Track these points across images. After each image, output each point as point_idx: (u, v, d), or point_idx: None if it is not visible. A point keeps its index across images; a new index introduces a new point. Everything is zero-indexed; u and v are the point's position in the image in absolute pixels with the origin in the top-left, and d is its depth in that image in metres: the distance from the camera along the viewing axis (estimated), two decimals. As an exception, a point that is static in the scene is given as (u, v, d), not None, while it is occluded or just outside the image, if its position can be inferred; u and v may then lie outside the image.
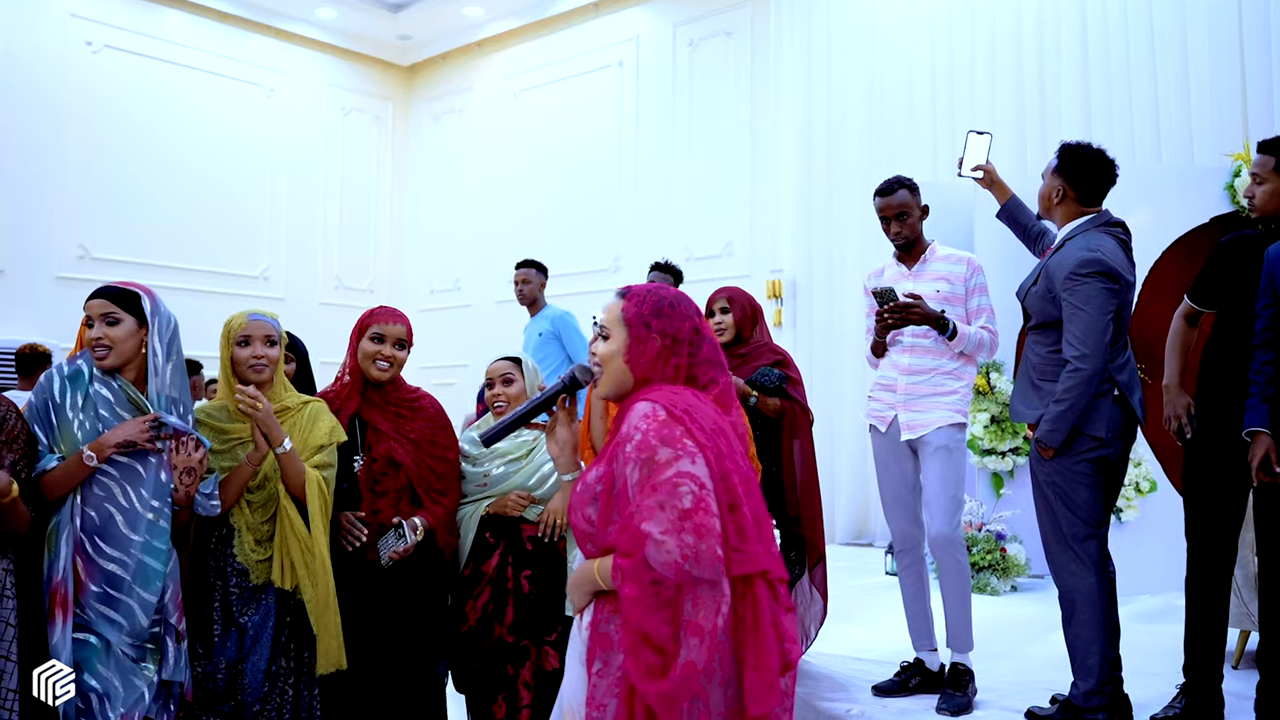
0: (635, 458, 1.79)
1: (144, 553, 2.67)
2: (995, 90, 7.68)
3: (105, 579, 2.63)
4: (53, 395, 2.69)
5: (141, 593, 2.66)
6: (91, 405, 2.69)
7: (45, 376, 2.71)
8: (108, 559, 2.64)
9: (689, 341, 1.97)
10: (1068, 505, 3.40)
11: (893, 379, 3.89)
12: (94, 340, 2.70)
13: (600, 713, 1.77)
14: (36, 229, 9.14)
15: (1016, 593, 5.98)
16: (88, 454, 2.60)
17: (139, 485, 2.69)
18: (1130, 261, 3.46)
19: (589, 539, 1.89)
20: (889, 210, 3.88)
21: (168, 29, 10.14)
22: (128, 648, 2.65)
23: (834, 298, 8.55)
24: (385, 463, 3.17)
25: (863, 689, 3.89)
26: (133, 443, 2.63)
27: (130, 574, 2.65)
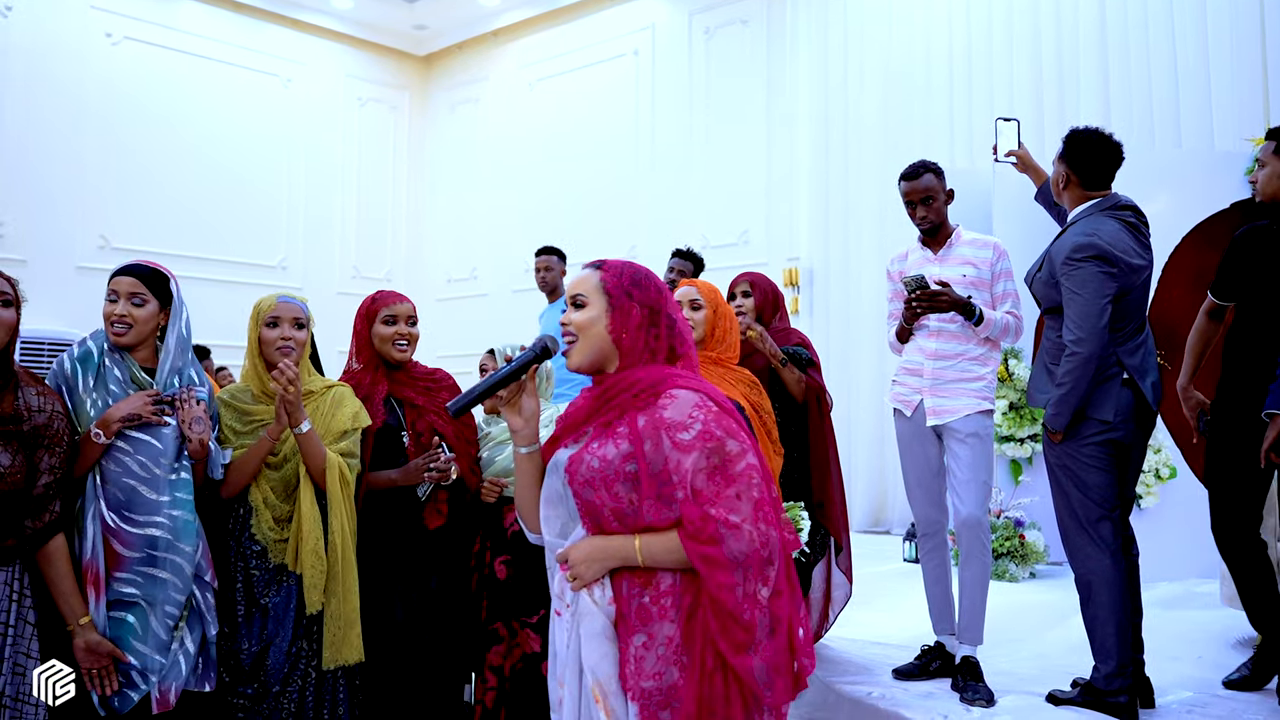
0: (701, 447, 1.86)
1: (175, 508, 2.72)
2: (1013, 77, 7.65)
3: (145, 543, 2.68)
4: (65, 378, 2.72)
5: (183, 547, 2.72)
6: (103, 384, 2.73)
7: (58, 361, 2.75)
8: (142, 525, 2.68)
9: (666, 314, 2.02)
10: (1080, 488, 3.42)
11: (918, 364, 3.90)
12: (117, 317, 2.73)
13: (657, 681, 1.83)
14: (58, 219, 9.21)
15: (1035, 580, 5.99)
16: (95, 431, 2.63)
17: (156, 454, 2.72)
18: (1140, 245, 3.46)
19: (620, 517, 1.90)
20: (914, 194, 3.88)
21: (186, 20, 10.19)
22: (167, 617, 2.69)
23: (851, 285, 8.55)
24: (430, 434, 3.23)
25: (883, 672, 3.90)
26: (137, 415, 2.67)
27: (168, 532, 2.70)
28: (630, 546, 1.90)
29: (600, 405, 1.96)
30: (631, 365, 1.98)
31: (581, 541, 1.94)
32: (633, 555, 1.89)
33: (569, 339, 2.00)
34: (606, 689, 1.86)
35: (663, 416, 1.88)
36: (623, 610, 1.90)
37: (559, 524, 2.00)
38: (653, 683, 1.83)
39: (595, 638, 1.89)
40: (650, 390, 1.92)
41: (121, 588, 2.67)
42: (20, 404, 2.52)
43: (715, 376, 3.23)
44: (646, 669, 1.85)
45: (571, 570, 1.92)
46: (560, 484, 1.98)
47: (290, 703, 2.95)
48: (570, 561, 1.93)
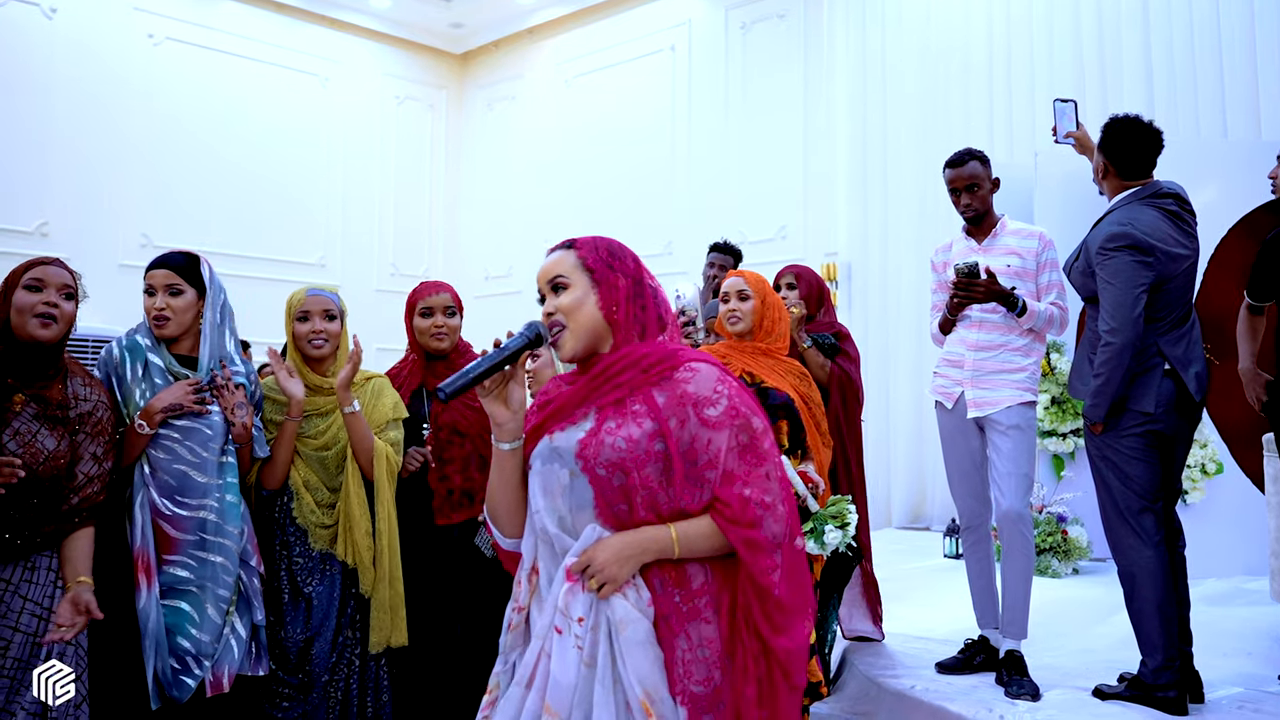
0: (731, 424, 1.78)
1: (223, 492, 2.77)
2: (1053, 68, 7.54)
3: (196, 526, 2.72)
4: (114, 367, 2.77)
5: (230, 529, 2.77)
6: (150, 375, 2.77)
7: (106, 350, 2.81)
8: (193, 509, 2.73)
9: (647, 283, 1.91)
10: (1121, 479, 3.39)
11: (960, 355, 3.86)
12: (156, 310, 2.77)
13: (705, 686, 1.74)
14: (100, 218, 9.33)
15: (1078, 576, 5.91)
16: (138, 422, 2.68)
17: (205, 439, 2.77)
18: (1182, 234, 3.42)
19: (653, 503, 1.77)
20: (959, 182, 3.85)
21: (226, 20, 10.28)
22: (220, 601, 2.73)
23: (889, 280, 8.49)
24: (450, 431, 3.22)
25: (926, 667, 3.88)
26: (179, 406, 2.70)
27: (217, 515, 2.74)
28: (666, 536, 1.76)
29: (601, 384, 1.82)
30: (627, 340, 1.85)
31: (606, 540, 1.76)
32: (670, 546, 1.76)
33: (556, 329, 1.84)
34: (656, 697, 1.72)
35: (687, 391, 1.78)
36: (663, 611, 1.77)
37: (556, 516, 1.80)
38: (702, 688, 1.74)
39: (641, 646, 1.73)
40: (663, 364, 1.81)
41: (175, 570, 2.71)
42: (69, 392, 2.58)
43: (764, 368, 3.20)
44: (696, 674, 1.74)
45: (599, 575, 1.72)
46: (567, 472, 1.79)
47: (337, 691, 2.98)
48: (595, 565, 1.73)
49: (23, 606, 2.44)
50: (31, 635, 2.44)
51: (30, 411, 2.47)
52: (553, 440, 1.83)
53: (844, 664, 4.17)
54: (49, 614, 2.48)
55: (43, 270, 2.52)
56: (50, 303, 2.50)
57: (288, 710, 2.93)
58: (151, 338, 2.81)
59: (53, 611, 2.48)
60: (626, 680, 1.71)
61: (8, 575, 2.44)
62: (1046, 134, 7.39)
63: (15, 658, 2.42)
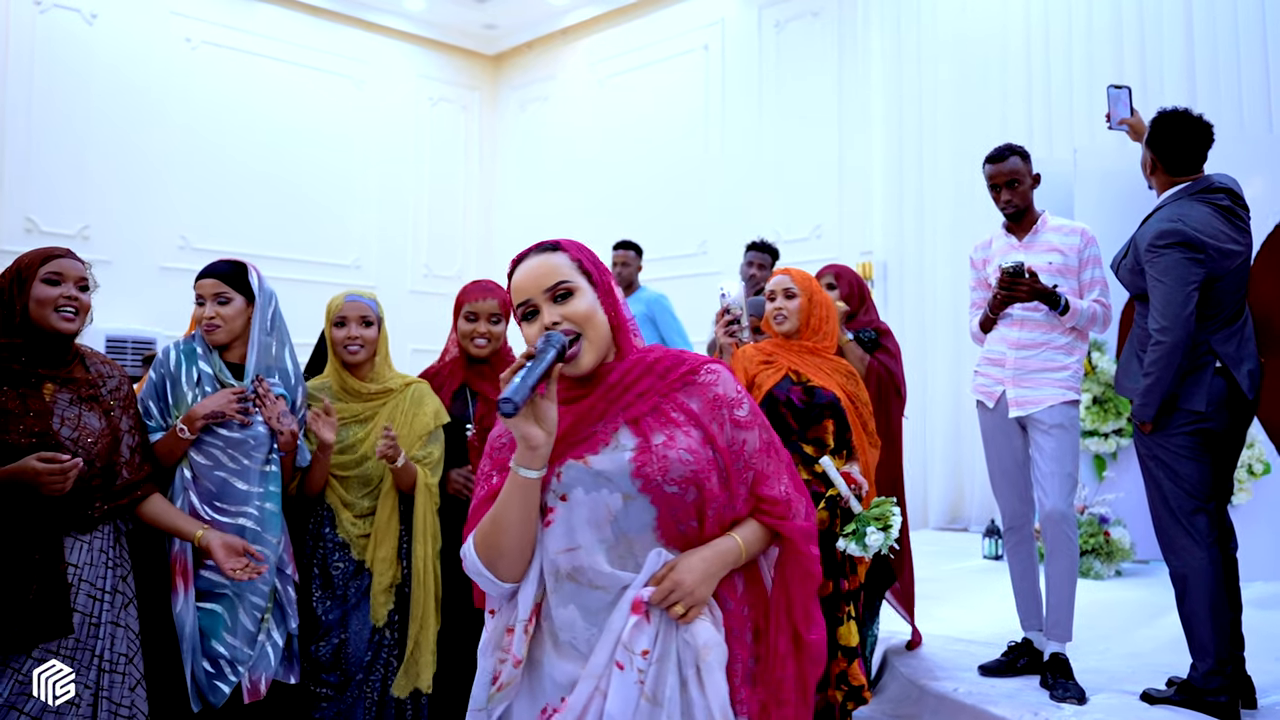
0: (756, 423, 1.76)
1: (264, 500, 2.78)
2: (1093, 60, 7.43)
3: (235, 533, 2.73)
4: (169, 370, 2.80)
5: (269, 538, 2.77)
6: (202, 382, 2.80)
7: (163, 352, 2.84)
8: (233, 516, 2.74)
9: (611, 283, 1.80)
10: (1172, 479, 3.32)
11: (1001, 353, 3.81)
12: (206, 319, 2.80)
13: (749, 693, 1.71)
14: (140, 221, 9.43)
15: (1121, 578, 5.83)
16: (180, 427, 2.70)
17: (248, 448, 2.78)
18: (1234, 229, 3.35)
19: (720, 514, 1.69)
20: (1000, 177, 3.80)
21: (261, 24, 10.37)
22: (254, 609, 2.74)
23: (926, 279, 8.41)
24: None
25: (968, 669, 3.83)
26: (220, 413, 2.72)
27: (256, 523, 2.76)
28: (735, 546, 1.69)
29: (620, 395, 1.68)
30: (629, 346, 1.74)
31: (685, 561, 1.64)
32: (740, 555, 1.69)
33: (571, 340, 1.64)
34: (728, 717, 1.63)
35: (718, 394, 1.71)
36: (731, 626, 1.69)
37: (605, 549, 1.64)
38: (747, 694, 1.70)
39: (720, 668, 1.64)
40: (680, 368, 1.72)
41: (212, 575, 2.72)
42: (94, 372, 2.62)
43: (811, 367, 3.16)
44: (746, 683, 1.70)
45: (687, 599, 1.61)
46: (619, 496, 1.63)
47: (374, 691, 2.98)
48: (683, 589, 1.61)
49: (80, 587, 2.46)
50: (88, 616, 2.46)
51: (65, 397, 2.50)
52: (589, 465, 1.64)
53: (885, 666, 4.13)
54: (105, 595, 2.50)
55: (59, 264, 2.54)
56: (70, 296, 2.52)
57: (325, 710, 2.93)
58: (204, 344, 2.84)
59: (106, 593, 2.50)
60: (706, 707, 1.61)
61: (73, 559, 2.46)
62: (1086, 129, 7.32)
63: (75, 638, 2.44)
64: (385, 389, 3.12)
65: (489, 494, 1.69)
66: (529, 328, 1.68)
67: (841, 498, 2.89)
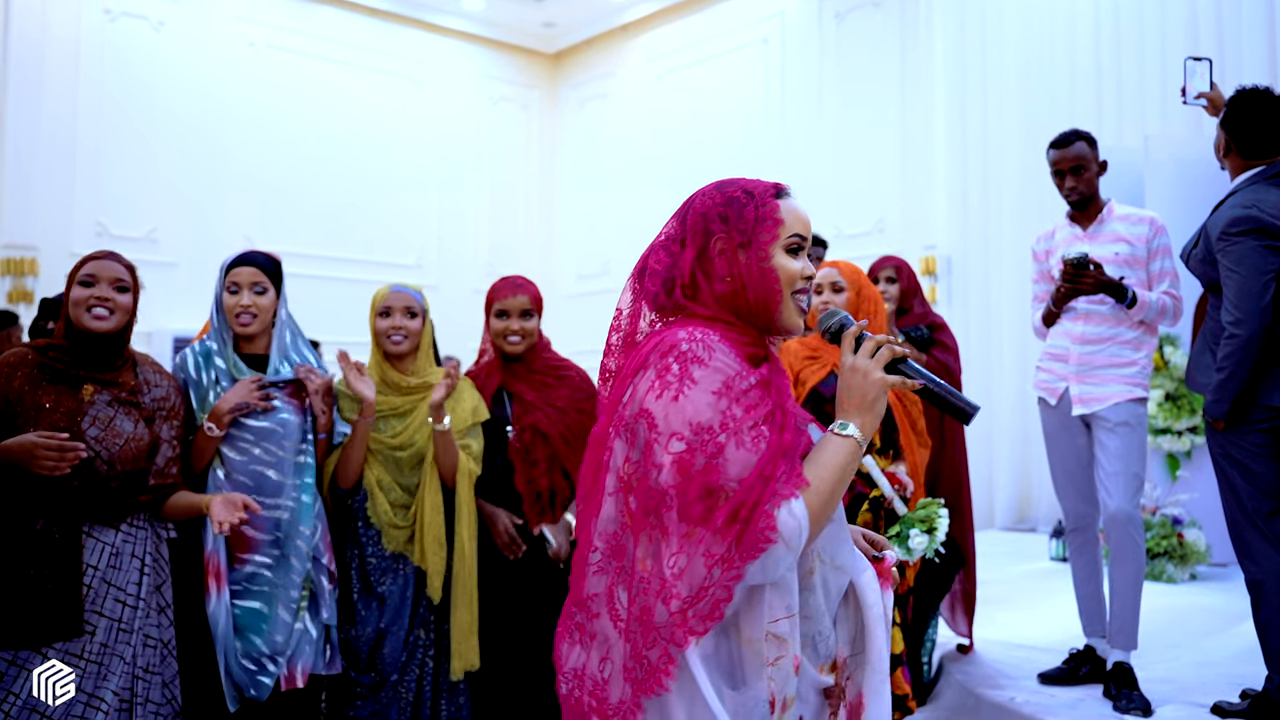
0: None
1: (301, 492, 2.77)
2: (1166, 41, 7.14)
3: (272, 526, 2.74)
4: (189, 373, 2.78)
5: (303, 529, 2.76)
6: (221, 380, 2.78)
7: (180, 357, 2.82)
8: (269, 508, 2.73)
9: None
10: (1247, 479, 3.14)
11: (1064, 348, 3.66)
12: (242, 308, 2.77)
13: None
14: (206, 222, 9.57)
15: (1195, 582, 5.59)
16: (208, 425, 2.69)
17: (279, 438, 2.76)
18: None
19: None
20: (1064, 163, 3.65)
21: (323, 27, 10.48)
22: (291, 601, 2.72)
23: (991, 273, 8.19)
24: (533, 433, 3.14)
25: (1028, 677, 3.68)
26: (245, 405, 2.69)
27: (292, 514, 2.74)
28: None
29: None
30: None
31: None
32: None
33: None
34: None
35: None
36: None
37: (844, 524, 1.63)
38: None
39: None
40: None
41: (249, 569, 2.71)
42: (140, 379, 2.62)
43: None
44: None
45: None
46: None
47: (409, 692, 2.94)
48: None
49: (107, 592, 2.46)
50: (116, 621, 2.46)
51: (104, 399, 2.50)
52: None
53: (941, 673, 3.99)
54: (134, 600, 2.50)
55: (95, 265, 2.55)
56: (101, 296, 2.52)
57: (360, 709, 2.90)
58: (220, 340, 2.81)
59: (140, 599, 2.50)
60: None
61: (95, 561, 2.45)
62: (1158, 115, 7.06)
63: (101, 643, 2.44)
64: (425, 383, 3.08)
65: (783, 449, 1.46)
66: (797, 260, 1.59)
67: (885, 499, 2.77)
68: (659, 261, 1.62)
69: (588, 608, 1.49)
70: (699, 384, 1.42)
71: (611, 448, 1.50)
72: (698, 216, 1.63)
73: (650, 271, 1.62)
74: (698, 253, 1.59)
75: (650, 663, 1.38)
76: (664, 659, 1.37)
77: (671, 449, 1.40)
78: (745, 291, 1.55)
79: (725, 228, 1.58)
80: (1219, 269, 3.20)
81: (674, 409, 1.41)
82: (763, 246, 1.56)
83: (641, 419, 1.44)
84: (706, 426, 1.40)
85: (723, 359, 1.47)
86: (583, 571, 1.52)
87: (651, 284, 1.60)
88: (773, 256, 1.56)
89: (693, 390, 1.42)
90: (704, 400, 1.42)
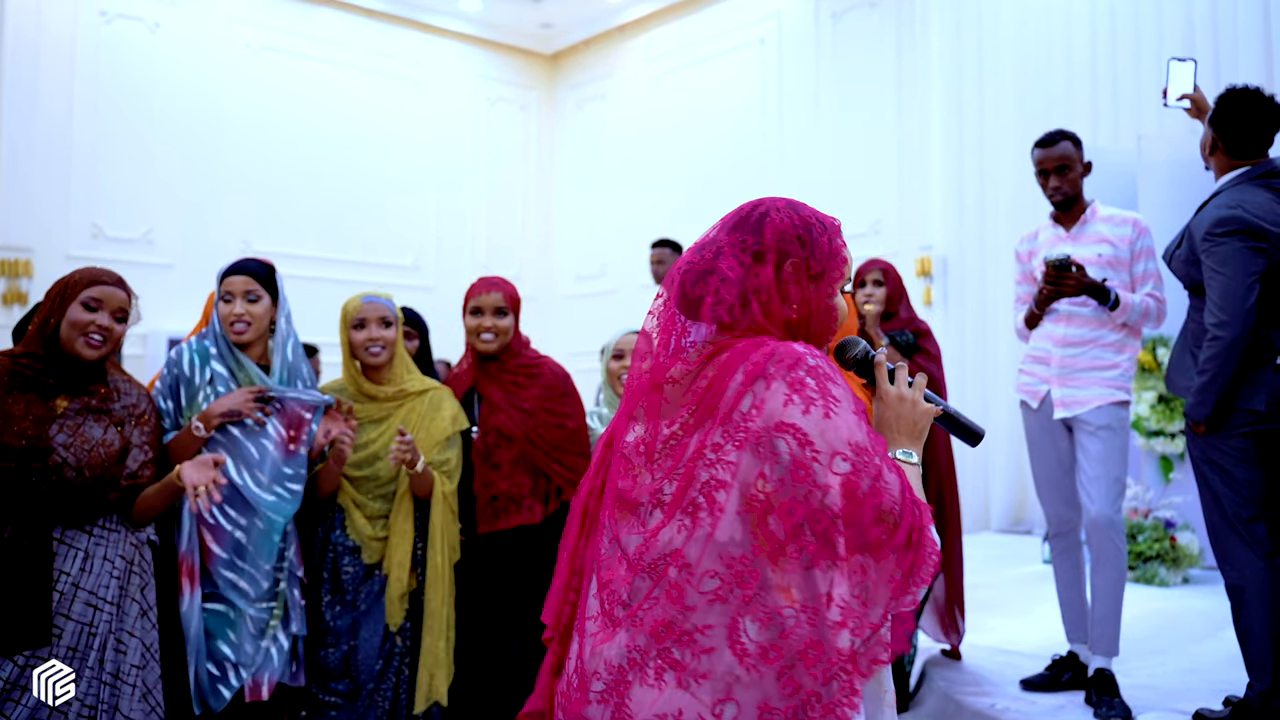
0: None
1: (272, 509, 2.72)
2: (1161, 42, 7.09)
3: (233, 546, 2.69)
4: (183, 370, 2.76)
5: (274, 539, 2.73)
6: (214, 381, 2.75)
7: (176, 351, 2.79)
8: (232, 522, 2.69)
9: None
10: (1228, 484, 3.10)
11: (1046, 351, 3.63)
12: (236, 316, 2.74)
13: None
14: (202, 224, 9.55)
15: (1188, 585, 5.55)
16: (195, 424, 2.66)
17: (252, 464, 2.72)
18: None
19: None
20: (1048, 163, 3.62)
21: (319, 28, 10.45)
22: (256, 612, 2.70)
23: (987, 274, 8.15)
24: (496, 435, 3.11)
25: (1011, 683, 3.66)
26: (237, 412, 2.67)
27: (253, 541, 2.71)
28: None
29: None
30: None
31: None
32: None
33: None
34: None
35: None
36: None
37: None
38: None
39: None
40: None
41: (219, 578, 2.68)
42: (111, 386, 2.60)
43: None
44: None
45: None
46: None
47: (385, 700, 2.92)
48: None
49: (75, 595, 2.44)
50: (86, 625, 2.44)
51: (75, 406, 2.48)
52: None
53: (924, 679, 3.96)
54: (105, 604, 2.47)
55: (103, 290, 2.49)
56: (104, 326, 2.49)
57: (334, 717, 2.88)
58: (222, 345, 2.78)
59: (111, 604, 2.48)
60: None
61: (67, 567, 2.44)
62: (1153, 116, 7.01)
63: (68, 646, 2.41)
64: (401, 390, 3.06)
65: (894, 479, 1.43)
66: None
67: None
68: (732, 270, 1.54)
69: (692, 641, 1.35)
70: (842, 403, 1.39)
71: (731, 461, 1.39)
72: (777, 233, 1.57)
73: (723, 277, 1.53)
74: (775, 271, 1.54)
75: (828, 698, 1.31)
76: (847, 691, 1.31)
77: (837, 469, 1.34)
78: (810, 322, 1.53)
79: (803, 253, 1.55)
80: (1202, 270, 3.16)
81: (829, 427, 1.36)
82: (831, 283, 1.55)
83: (785, 434, 1.37)
84: (864, 448, 1.37)
85: (841, 379, 1.44)
86: (655, 598, 1.39)
87: (727, 292, 1.52)
88: (835, 295, 1.56)
89: (839, 409, 1.38)
90: (852, 420, 1.38)
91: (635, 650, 1.38)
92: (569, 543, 1.64)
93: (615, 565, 1.47)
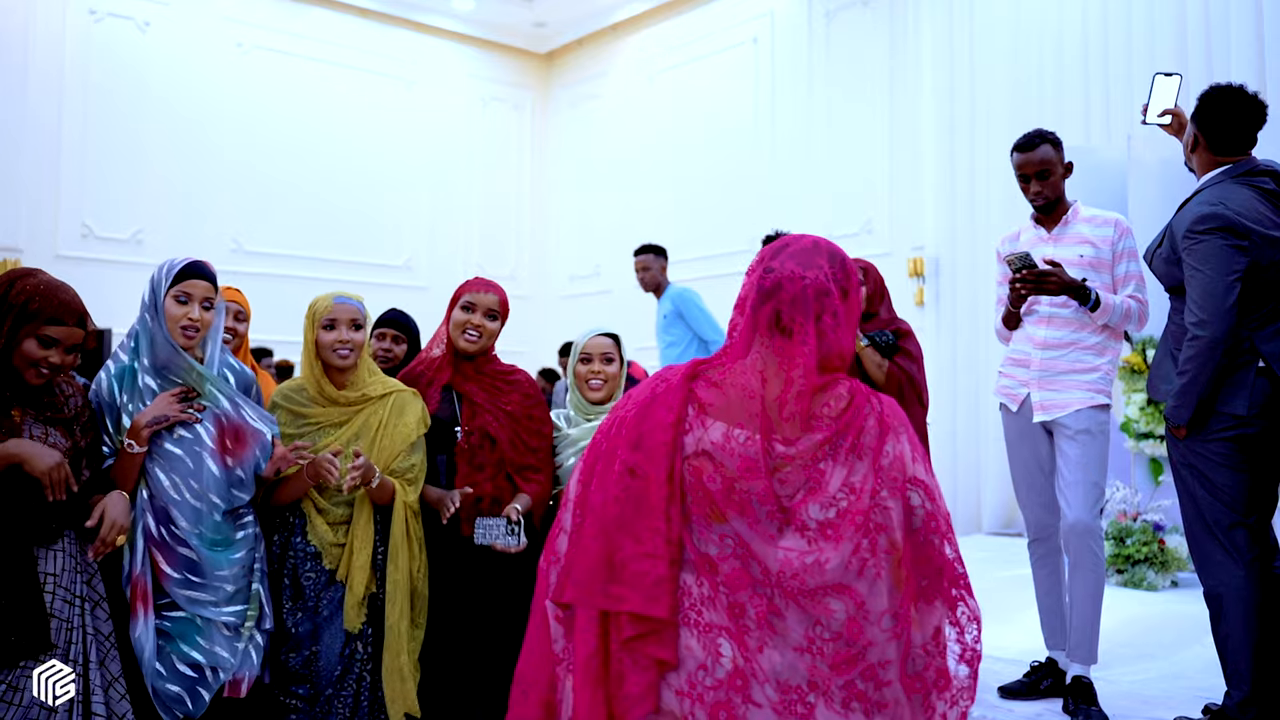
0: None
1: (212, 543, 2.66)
2: (1154, 43, 7.04)
3: (185, 564, 2.63)
4: (103, 397, 2.65)
5: (220, 571, 2.67)
6: (140, 397, 2.65)
7: (96, 380, 2.68)
8: (184, 545, 2.63)
9: None
10: (1208, 489, 3.04)
11: (1026, 353, 3.59)
12: (190, 321, 2.67)
13: None
14: (193, 224, 9.53)
15: (1177, 589, 5.50)
16: (127, 442, 2.58)
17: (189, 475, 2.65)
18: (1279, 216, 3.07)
19: None
20: (1029, 167, 3.56)
21: (312, 27, 10.43)
22: (226, 617, 2.66)
23: (979, 274, 8.09)
24: (481, 436, 3.07)
25: (989, 690, 3.60)
26: (165, 417, 2.60)
27: (204, 560, 2.64)
28: None
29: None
30: None
31: None
32: None
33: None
34: None
35: None
36: None
37: None
38: None
39: None
40: None
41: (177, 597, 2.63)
42: (58, 393, 2.56)
43: None
44: None
45: None
46: None
47: (345, 706, 2.87)
48: None
49: (56, 593, 2.41)
50: (65, 621, 2.41)
51: (31, 418, 2.44)
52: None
53: (903, 684, 3.92)
54: (77, 600, 2.45)
55: (63, 331, 2.43)
56: (56, 363, 2.44)
57: (294, 722, 2.84)
58: (150, 356, 2.68)
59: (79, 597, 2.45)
60: None
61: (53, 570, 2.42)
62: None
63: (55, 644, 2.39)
64: (364, 395, 3.00)
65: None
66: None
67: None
68: (834, 315, 1.67)
69: (876, 676, 1.53)
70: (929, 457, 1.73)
71: (889, 508, 1.56)
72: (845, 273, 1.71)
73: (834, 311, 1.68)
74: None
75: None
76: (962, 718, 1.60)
77: (944, 527, 1.61)
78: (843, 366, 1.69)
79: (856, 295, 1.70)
80: (1183, 268, 3.11)
81: (936, 485, 1.62)
82: (855, 326, 1.71)
83: (917, 488, 1.59)
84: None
85: None
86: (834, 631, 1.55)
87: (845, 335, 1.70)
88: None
89: (929, 463, 1.67)
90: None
91: (816, 675, 1.55)
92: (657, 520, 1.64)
93: (742, 573, 1.59)
